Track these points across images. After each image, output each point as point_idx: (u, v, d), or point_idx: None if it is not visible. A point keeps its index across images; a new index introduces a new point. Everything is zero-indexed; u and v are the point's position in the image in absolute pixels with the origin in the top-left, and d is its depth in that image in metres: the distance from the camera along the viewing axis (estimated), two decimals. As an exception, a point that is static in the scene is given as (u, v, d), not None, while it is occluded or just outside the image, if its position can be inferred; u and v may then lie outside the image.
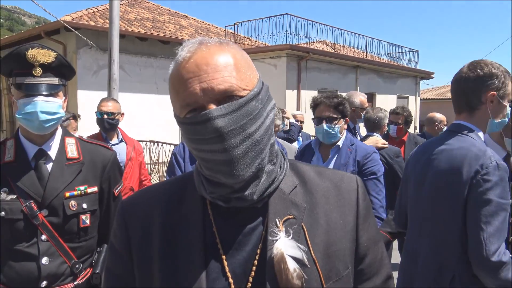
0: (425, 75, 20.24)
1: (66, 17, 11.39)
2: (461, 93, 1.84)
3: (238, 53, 0.86)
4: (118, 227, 0.95)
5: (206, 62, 0.81)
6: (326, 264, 0.85)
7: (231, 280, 0.82)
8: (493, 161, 1.62)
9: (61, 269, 1.69)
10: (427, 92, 27.17)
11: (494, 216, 1.58)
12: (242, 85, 0.82)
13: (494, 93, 1.76)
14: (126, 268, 0.92)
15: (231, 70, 0.82)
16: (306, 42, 14.97)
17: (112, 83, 4.62)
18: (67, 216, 1.71)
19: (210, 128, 0.78)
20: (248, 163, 0.80)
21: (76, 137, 1.90)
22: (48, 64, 1.68)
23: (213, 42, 0.86)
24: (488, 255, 1.55)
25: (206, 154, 0.81)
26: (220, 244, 0.85)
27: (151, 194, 0.97)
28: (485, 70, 1.78)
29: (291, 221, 0.85)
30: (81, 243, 1.77)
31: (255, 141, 0.81)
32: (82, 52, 11.34)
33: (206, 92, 0.79)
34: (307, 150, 2.92)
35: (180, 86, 0.82)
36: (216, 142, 0.78)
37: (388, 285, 0.96)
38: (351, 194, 0.93)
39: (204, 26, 16.38)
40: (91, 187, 1.80)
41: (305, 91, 13.90)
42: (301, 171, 0.95)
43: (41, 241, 1.65)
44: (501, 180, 1.60)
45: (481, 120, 1.81)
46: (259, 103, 0.84)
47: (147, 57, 12.72)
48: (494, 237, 1.56)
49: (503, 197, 1.59)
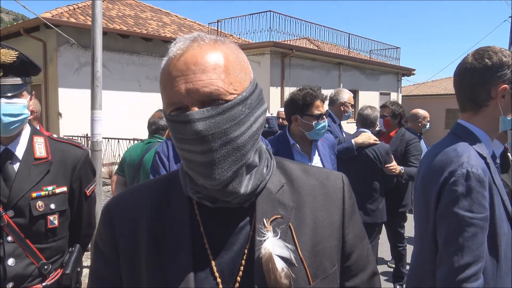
0: (407, 72, 20.51)
1: (46, 14, 11.17)
2: (466, 88, 1.55)
3: (232, 54, 0.84)
4: (103, 228, 0.93)
5: (195, 61, 0.79)
6: (313, 262, 0.85)
7: (219, 280, 0.82)
8: (463, 168, 1.38)
9: (28, 270, 1.66)
10: (409, 88, 27.51)
11: (457, 232, 1.35)
12: (230, 89, 0.80)
13: (506, 87, 1.47)
14: (112, 270, 0.91)
15: (220, 72, 0.80)
16: (290, 39, 15.01)
17: (95, 81, 4.56)
18: (34, 217, 1.66)
19: (190, 130, 0.77)
20: (226, 167, 0.79)
21: (46, 136, 1.84)
22: (9, 64, 1.61)
23: (208, 40, 0.83)
24: (445, 277, 1.35)
25: (186, 154, 0.81)
26: (207, 244, 0.84)
27: (137, 193, 0.95)
28: (494, 59, 1.49)
29: (278, 221, 0.85)
30: (49, 244, 1.73)
31: (237, 146, 0.80)
32: (63, 49, 11.15)
33: (190, 93, 0.78)
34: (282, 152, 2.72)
35: (167, 83, 0.81)
36: (195, 143, 0.78)
37: (374, 282, 0.97)
38: (337, 192, 0.93)
39: (187, 23, 16.26)
40: (60, 187, 1.75)
41: (289, 88, 13.94)
42: (288, 170, 0.95)
43: (7, 242, 1.61)
44: (469, 191, 1.35)
45: (488, 118, 1.52)
46: (246, 108, 0.82)
47: (129, 55, 12.58)
48: (455, 256, 1.33)
49: (471, 210, 1.34)
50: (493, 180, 1.43)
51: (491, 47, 1.54)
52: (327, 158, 2.83)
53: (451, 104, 21.92)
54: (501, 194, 1.44)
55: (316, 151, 2.79)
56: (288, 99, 2.83)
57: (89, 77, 4.64)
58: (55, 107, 11.09)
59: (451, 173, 1.41)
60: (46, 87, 11.45)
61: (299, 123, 2.73)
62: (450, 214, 1.38)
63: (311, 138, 2.75)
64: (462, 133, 1.56)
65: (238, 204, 0.85)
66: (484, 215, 1.35)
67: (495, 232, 1.39)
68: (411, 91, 26.92)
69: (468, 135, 1.54)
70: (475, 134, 1.53)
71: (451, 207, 1.38)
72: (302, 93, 2.76)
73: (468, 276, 1.31)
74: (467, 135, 1.54)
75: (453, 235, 1.37)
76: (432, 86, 27.69)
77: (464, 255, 1.33)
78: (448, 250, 1.37)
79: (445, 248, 1.38)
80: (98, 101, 4.60)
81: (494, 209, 1.40)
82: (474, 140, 1.52)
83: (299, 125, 2.74)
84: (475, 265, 1.32)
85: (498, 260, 1.40)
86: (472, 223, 1.34)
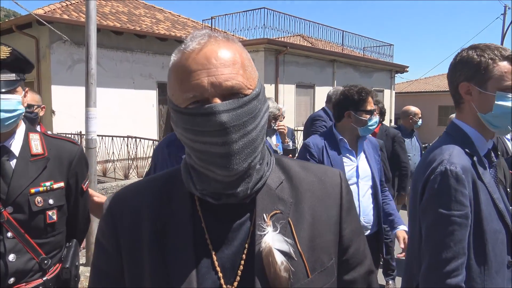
0: (400, 69, 20.59)
1: (39, 10, 11.08)
2: (448, 85, 1.65)
3: (244, 52, 0.88)
4: (105, 224, 0.94)
5: (216, 56, 0.82)
6: (311, 256, 0.87)
7: (220, 274, 0.84)
8: (442, 166, 1.41)
9: (29, 265, 1.68)
10: (402, 85, 27.64)
11: (435, 228, 1.38)
12: (247, 84, 0.84)
13: (464, 84, 1.53)
14: (114, 265, 0.92)
15: (239, 68, 0.83)
16: (284, 36, 15.02)
17: (89, 78, 4.54)
18: (33, 212, 1.69)
19: (214, 121, 0.79)
20: (243, 158, 0.82)
21: (41, 133, 1.86)
22: (3, 60, 1.62)
23: (221, 37, 0.86)
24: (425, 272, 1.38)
25: (202, 146, 0.82)
26: (209, 239, 0.86)
27: (139, 190, 0.96)
28: (457, 58, 1.56)
29: (278, 216, 0.87)
30: (49, 238, 1.75)
31: (251, 139, 0.83)
32: (55, 46, 11.08)
33: (213, 86, 0.80)
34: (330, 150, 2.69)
35: (186, 76, 0.82)
36: (218, 135, 0.80)
37: (371, 279, 1.00)
38: (335, 188, 0.95)
39: (181, 20, 16.21)
40: (57, 182, 1.78)
41: (283, 85, 13.97)
42: (287, 166, 0.97)
43: (7, 238, 1.63)
44: (447, 188, 1.37)
45: (470, 115, 1.55)
46: (259, 103, 0.86)
47: (123, 52, 12.52)
48: (433, 252, 1.36)
49: (449, 207, 1.36)
50: (479, 178, 1.44)
51: (471, 45, 1.56)
52: (372, 157, 2.86)
53: (444, 101, 22.07)
54: (491, 193, 1.45)
55: (362, 148, 2.82)
56: (341, 96, 2.81)
57: (83, 74, 4.63)
58: (48, 104, 11.01)
59: (432, 171, 1.44)
60: (39, 84, 11.37)
61: (352, 119, 2.72)
62: (428, 210, 1.42)
63: (362, 134, 2.76)
64: (454, 132, 1.59)
65: (241, 200, 0.87)
66: (462, 212, 1.36)
67: (481, 229, 1.40)
68: (404, 88, 27.06)
69: (459, 133, 1.57)
70: (466, 132, 1.56)
71: (429, 204, 1.42)
72: (356, 88, 2.76)
73: (447, 272, 1.32)
74: (458, 134, 1.57)
75: (431, 231, 1.40)
76: (425, 83, 27.84)
77: (442, 251, 1.34)
78: (428, 245, 1.40)
79: (425, 244, 1.41)
80: (93, 99, 4.59)
81: (480, 206, 1.40)
82: (464, 138, 1.54)
83: (352, 121, 2.73)
84: (455, 261, 1.33)
85: (486, 258, 1.40)
86: (449, 220, 1.36)
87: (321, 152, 2.67)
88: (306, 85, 15.17)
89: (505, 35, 20.96)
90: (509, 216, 1.47)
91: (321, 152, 2.67)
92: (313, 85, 15.41)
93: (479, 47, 1.53)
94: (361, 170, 2.73)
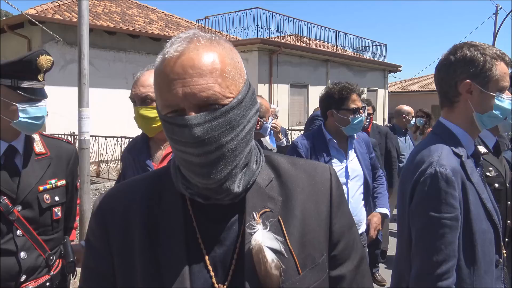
0: (393, 68, 20.70)
1: (31, 10, 11.00)
2: (438, 83, 1.61)
3: (228, 56, 0.84)
4: (95, 224, 0.93)
5: (192, 64, 0.79)
6: (301, 252, 0.87)
7: (212, 273, 0.84)
8: (431, 168, 1.39)
9: (38, 262, 1.74)
10: (395, 85, 27.78)
11: (425, 231, 1.38)
12: (226, 92, 0.81)
13: (468, 82, 1.48)
14: (105, 265, 0.91)
15: (217, 76, 0.80)
16: (277, 36, 15.03)
17: (82, 78, 4.51)
18: (42, 209, 1.75)
19: (188, 134, 0.78)
20: (221, 168, 0.81)
21: (39, 133, 1.93)
22: (48, 70, 1.76)
23: (204, 41, 0.83)
24: (416, 275, 1.37)
25: (182, 154, 0.82)
26: (201, 239, 0.86)
27: (129, 189, 0.96)
28: (458, 55, 1.51)
29: (268, 214, 0.87)
30: (53, 235, 1.82)
31: (230, 149, 0.82)
32: (48, 46, 10.98)
33: (187, 97, 0.78)
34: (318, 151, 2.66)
35: (163, 85, 0.81)
36: (193, 147, 0.79)
37: (361, 268, 0.98)
38: (325, 184, 0.95)
39: (174, 20, 16.17)
40: (60, 180, 1.87)
41: (277, 85, 13.98)
42: (276, 164, 0.97)
43: (16, 236, 1.68)
44: (436, 191, 1.36)
45: (462, 114, 1.53)
46: (241, 111, 0.84)
47: (116, 52, 12.47)
48: (424, 255, 1.36)
49: (439, 210, 1.35)
50: (468, 178, 1.43)
51: (465, 43, 1.54)
52: (364, 155, 2.82)
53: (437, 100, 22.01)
54: (479, 193, 1.44)
55: (352, 147, 2.77)
56: (324, 94, 2.77)
57: (75, 74, 4.60)
58: (41, 105, 10.94)
59: (421, 173, 1.42)
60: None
61: (335, 118, 2.68)
62: (418, 213, 1.41)
63: (347, 133, 2.70)
64: (441, 132, 1.57)
65: (230, 199, 0.87)
66: (453, 215, 1.36)
67: (470, 230, 1.40)
68: (398, 87, 27.20)
69: (446, 133, 1.55)
70: (453, 132, 1.54)
71: (419, 206, 1.41)
72: (338, 87, 2.69)
73: (438, 275, 1.32)
74: (445, 133, 1.54)
75: (422, 234, 1.39)
76: (418, 83, 28.01)
77: (433, 254, 1.34)
78: (418, 249, 1.39)
79: (415, 246, 1.40)
80: (85, 99, 4.56)
81: (470, 207, 1.40)
82: (451, 138, 1.52)
83: (336, 120, 2.67)
84: (446, 264, 1.33)
85: (475, 259, 1.40)
86: (440, 223, 1.35)
87: (309, 152, 2.63)
88: (300, 85, 15.19)
89: (496, 34, 21.14)
90: (496, 215, 1.47)
91: (309, 152, 2.63)
92: (307, 85, 15.44)
93: (478, 45, 1.51)
94: (350, 170, 2.69)
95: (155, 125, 1.86)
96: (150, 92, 1.83)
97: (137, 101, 1.88)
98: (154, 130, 1.88)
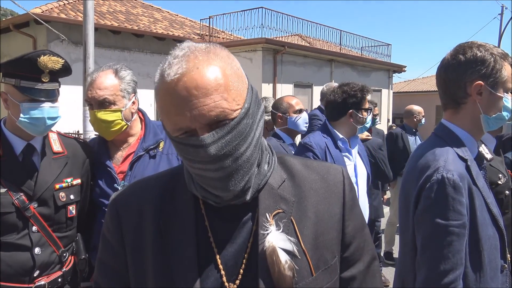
0: (398, 69, 20.60)
1: (36, 9, 11.05)
2: (443, 85, 1.53)
3: (228, 66, 0.83)
4: (110, 220, 0.96)
5: (195, 85, 0.78)
6: (314, 254, 0.88)
7: (223, 272, 0.85)
8: (438, 174, 1.34)
9: (51, 258, 1.78)
10: (400, 85, 27.67)
11: (433, 239, 1.33)
12: (233, 105, 0.81)
13: (480, 83, 1.43)
14: (119, 260, 0.94)
15: (222, 92, 0.79)
16: (281, 35, 15.02)
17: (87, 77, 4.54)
18: (58, 207, 1.79)
19: (203, 153, 0.79)
20: (239, 178, 0.82)
21: (57, 132, 1.96)
22: (55, 71, 1.76)
23: (201, 56, 0.82)
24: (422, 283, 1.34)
25: (199, 171, 0.83)
26: (212, 238, 0.87)
27: (143, 187, 0.98)
28: (468, 55, 1.44)
29: (280, 215, 0.88)
30: (67, 232, 1.86)
31: (246, 158, 0.83)
32: (53, 45, 11.03)
33: (197, 118, 0.78)
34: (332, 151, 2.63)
35: (170, 109, 0.80)
36: (208, 163, 0.80)
37: (372, 269, 0.98)
38: (338, 186, 0.95)
39: (179, 19, 16.19)
40: (76, 179, 1.90)
41: (281, 84, 13.96)
42: (289, 165, 0.97)
43: (32, 232, 1.72)
44: (444, 198, 1.31)
45: (468, 117, 1.48)
46: (250, 119, 0.84)
47: (120, 51, 12.50)
48: (431, 263, 1.32)
49: (447, 217, 1.31)
50: (474, 183, 1.39)
51: (471, 42, 1.49)
52: (363, 152, 2.91)
53: (442, 101, 22.05)
54: (484, 197, 1.41)
55: (355, 147, 2.81)
56: (343, 94, 2.70)
57: (80, 73, 4.62)
58: (46, 103, 10.98)
59: (427, 178, 1.37)
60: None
61: (353, 118, 2.66)
62: (425, 220, 1.36)
63: (359, 132, 2.78)
64: (444, 134, 1.51)
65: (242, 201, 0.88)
66: (460, 222, 1.32)
67: (477, 236, 1.36)
68: (402, 88, 27.09)
69: (449, 136, 1.49)
70: (457, 135, 1.49)
71: (426, 213, 1.36)
72: (358, 87, 2.68)
73: (445, 284, 1.29)
74: (449, 137, 1.49)
75: (429, 242, 1.34)
76: (422, 83, 27.89)
77: (440, 263, 1.30)
78: (425, 257, 1.35)
79: (422, 254, 1.37)
80: (90, 98, 4.57)
81: (476, 213, 1.36)
82: (455, 141, 1.47)
83: (354, 120, 2.66)
84: (453, 273, 1.30)
85: (481, 265, 1.36)
86: (447, 231, 1.31)
87: (324, 152, 2.61)
88: (304, 85, 15.17)
89: (502, 34, 21.03)
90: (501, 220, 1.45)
91: (324, 152, 2.61)
92: (311, 84, 15.41)
93: (485, 45, 1.46)
94: (358, 169, 2.72)
95: (114, 129, 1.92)
96: (108, 95, 1.89)
97: (94, 104, 1.92)
98: (113, 134, 1.95)
